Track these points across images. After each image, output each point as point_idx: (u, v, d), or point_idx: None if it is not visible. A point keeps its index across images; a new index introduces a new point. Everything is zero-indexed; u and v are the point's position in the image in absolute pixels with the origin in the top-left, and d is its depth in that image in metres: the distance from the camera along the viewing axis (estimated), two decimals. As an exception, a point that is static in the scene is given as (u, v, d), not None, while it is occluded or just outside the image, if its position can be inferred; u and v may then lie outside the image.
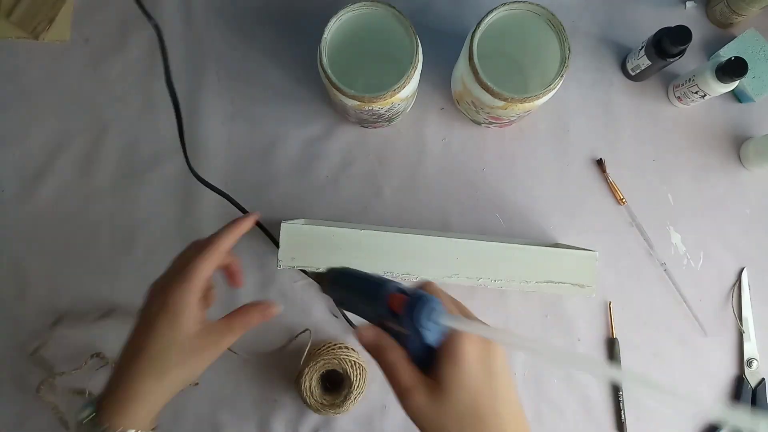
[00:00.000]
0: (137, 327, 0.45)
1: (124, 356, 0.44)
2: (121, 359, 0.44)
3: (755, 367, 0.69)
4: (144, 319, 0.45)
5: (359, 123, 0.69)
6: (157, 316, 0.44)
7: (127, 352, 0.44)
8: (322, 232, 0.59)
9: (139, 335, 0.44)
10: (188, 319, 0.44)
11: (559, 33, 0.57)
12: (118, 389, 0.43)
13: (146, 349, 0.43)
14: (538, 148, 0.71)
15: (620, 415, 0.68)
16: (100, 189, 0.69)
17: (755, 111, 0.72)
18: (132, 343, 0.44)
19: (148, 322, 0.44)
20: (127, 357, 0.44)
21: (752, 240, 0.71)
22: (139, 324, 0.45)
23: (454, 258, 0.59)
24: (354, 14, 0.57)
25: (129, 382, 0.43)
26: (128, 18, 0.71)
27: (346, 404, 0.63)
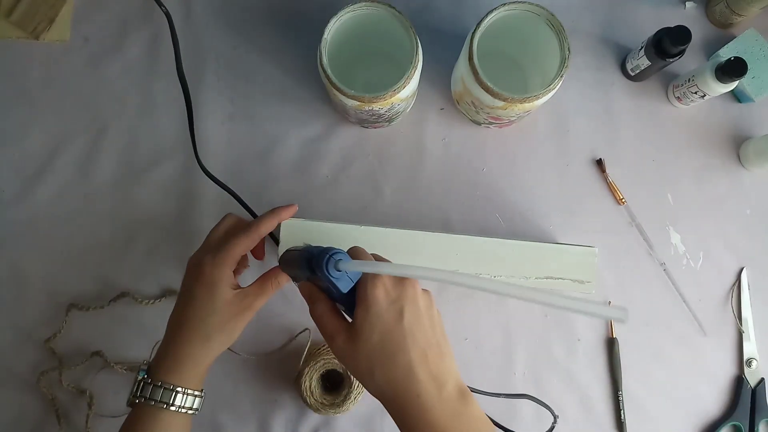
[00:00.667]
0: (180, 299, 0.51)
1: (171, 325, 0.51)
2: (169, 328, 0.51)
3: (755, 367, 0.69)
4: (185, 291, 0.51)
5: (359, 123, 0.69)
6: (197, 289, 0.50)
7: (173, 321, 0.51)
8: (322, 228, 0.59)
9: (182, 306, 0.51)
10: (224, 289, 0.50)
11: (558, 33, 0.57)
12: (167, 355, 0.50)
13: (190, 318, 0.50)
14: (538, 148, 0.71)
15: (620, 415, 0.68)
16: (100, 189, 0.69)
17: (755, 111, 0.72)
18: (177, 313, 0.51)
19: (190, 294, 0.51)
20: (173, 326, 0.51)
21: (752, 240, 0.71)
22: (181, 296, 0.52)
23: (454, 254, 0.59)
24: (354, 14, 0.57)
25: (177, 347, 0.50)
26: (128, 18, 0.71)
27: (346, 404, 0.63)
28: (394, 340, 0.41)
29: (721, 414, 0.69)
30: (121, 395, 0.67)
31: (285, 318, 0.68)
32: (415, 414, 0.41)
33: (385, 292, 0.42)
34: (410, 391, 0.41)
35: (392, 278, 0.43)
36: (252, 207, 0.66)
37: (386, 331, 0.41)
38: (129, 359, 0.67)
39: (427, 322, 0.43)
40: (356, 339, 0.42)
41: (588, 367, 0.69)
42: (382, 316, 0.41)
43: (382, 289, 0.42)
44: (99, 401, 0.66)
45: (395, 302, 0.42)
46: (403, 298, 0.42)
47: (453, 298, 0.69)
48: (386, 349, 0.41)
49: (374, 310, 0.41)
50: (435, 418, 0.41)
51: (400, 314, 0.41)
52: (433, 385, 0.41)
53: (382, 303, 0.41)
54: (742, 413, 0.68)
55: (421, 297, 0.43)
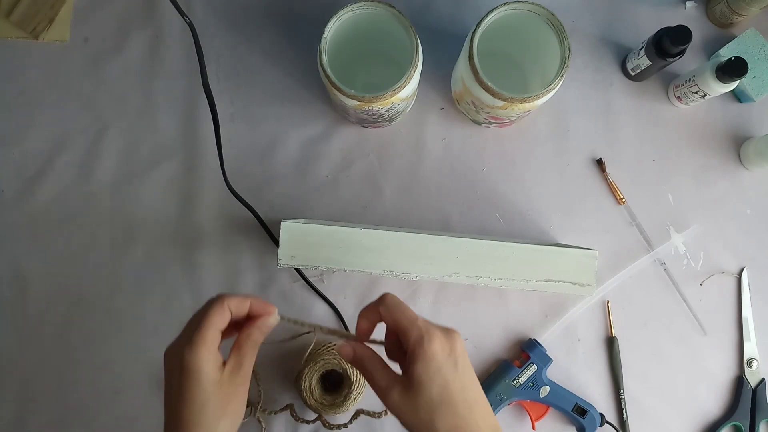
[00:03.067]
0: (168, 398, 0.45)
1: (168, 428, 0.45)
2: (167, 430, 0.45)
3: (755, 367, 0.69)
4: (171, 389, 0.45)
5: (359, 123, 0.69)
6: (182, 382, 0.44)
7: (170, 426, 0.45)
8: (322, 230, 0.59)
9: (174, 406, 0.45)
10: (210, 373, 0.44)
11: (559, 33, 0.57)
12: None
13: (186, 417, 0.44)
14: (538, 148, 0.71)
15: (622, 414, 0.68)
16: (100, 189, 0.69)
17: (755, 111, 0.72)
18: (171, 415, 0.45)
19: (176, 391, 0.44)
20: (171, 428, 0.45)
21: (752, 240, 0.71)
22: (168, 395, 0.45)
23: (455, 257, 0.59)
24: (354, 14, 0.57)
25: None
26: (128, 18, 0.71)
27: (346, 404, 0.63)
28: (453, 391, 0.43)
29: (721, 414, 0.69)
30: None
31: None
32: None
33: (441, 346, 0.43)
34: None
35: (442, 331, 0.44)
36: (252, 205, 0.66)
37: (445, 383, 0.42)
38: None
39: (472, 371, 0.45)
40: (416, 392, 0.42)
41: (588, 366, 0.69)
42: (441, 369, 0.42)
43: (438, 343, 0.43)
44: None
45: (450, 355, 0.43)
46: (456, 350, 0.44)
47: (453, 298, 0.69)
48: (446, 399, 0.42)
49: (434, 363, 0.42)
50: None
51: (455, 366, 0.43)
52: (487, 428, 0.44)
53: (439, 356, 0.43)
54: (743, 413, 0.68)
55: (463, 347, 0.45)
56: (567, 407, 0.66)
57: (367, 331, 0.47)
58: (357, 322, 0.46)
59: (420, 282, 0.68)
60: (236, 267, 0.68)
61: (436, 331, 0.43)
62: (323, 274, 0.68)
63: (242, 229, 0.69)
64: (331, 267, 0.58)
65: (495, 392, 0.66)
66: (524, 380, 0.66)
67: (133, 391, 0.67)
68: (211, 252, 0.69)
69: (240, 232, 0.69)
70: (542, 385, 0.66)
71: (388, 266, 0.60)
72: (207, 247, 0.69)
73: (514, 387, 0.66)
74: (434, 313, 0.68)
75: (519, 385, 0.66)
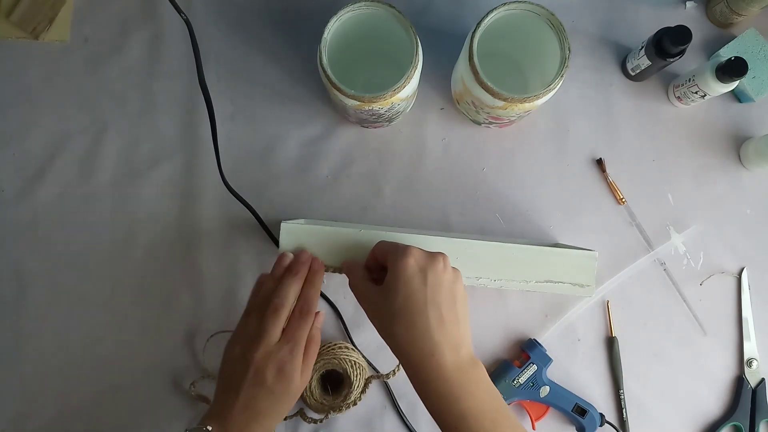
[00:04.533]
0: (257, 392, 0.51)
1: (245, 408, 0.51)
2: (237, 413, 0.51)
3: (755, 367, 0.69)
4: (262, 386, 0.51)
5: (359, 123, 0.69)
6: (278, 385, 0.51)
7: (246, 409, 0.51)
8: (322, 231, 0.59)
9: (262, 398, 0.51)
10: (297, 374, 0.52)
11: (559, 33, 0.57)
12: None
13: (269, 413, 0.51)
14: (538, 148, 0.71)
15: (622, 414, 0.68)
16: (100, 189, 0.69)
17: (755, 111, 0.72)
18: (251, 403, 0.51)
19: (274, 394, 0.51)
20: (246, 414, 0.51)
21: (752, 240, 0.71)
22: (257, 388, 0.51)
23: (454, 258, 0.59)
24: (354, 14, 0.57)
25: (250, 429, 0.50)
26: (128, 18, 0.71)
27: (346, 404, 0.63)
28: (415, 303, 0.46)
29: (721, 414, 0.69)
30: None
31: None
32: (428, 371, 0.46)
33: (415, 261, 0.47)
34: (425, 349, 0.46)
35: (423, 252, 0.48)
36: (252, 205, 0.66)
37: (410, 294, 0.46)
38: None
39: (448, 294, 0.48)
40: (384, 299, 0.48)
41: (588, 366, 0.69)
42: (408, 281, 0.47)
43: (412, 258, 0.47)
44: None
45: (422, 271, 0.47)
46: (430, 269, 0.47)
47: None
48: (408, 310, 0.46)
49: (402, 275, 0.47)
50: (446, 377, 0.46)
51: (424, 282, 0.47)
52: (447, 347, 0.46)
53: (410, 270, 0.47)
54: (743, 413, 0.68)
55: (447, 272, 0.48)
56: (567, 407, 0.66)
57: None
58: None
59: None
60: (236, 267, 0.68)
61: (414, 250, 0.48)
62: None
63: (242, 229, 0.69)
64: (330, 267, 0.58)
65: None
66: (524, 380, 0.66)
67: (133, 391, 0.67)
68: (211, 252, 0.69)
69: (240, 232, 0.69)
70: (542, 385, 0.66)
71: None
72: (207, 247, 0.69)
73: (514, 387, 0.66)
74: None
75: (519, 385, 0.66)
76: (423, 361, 0.46)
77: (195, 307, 0.68)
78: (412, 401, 0.67)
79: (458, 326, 0.48)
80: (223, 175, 0.65)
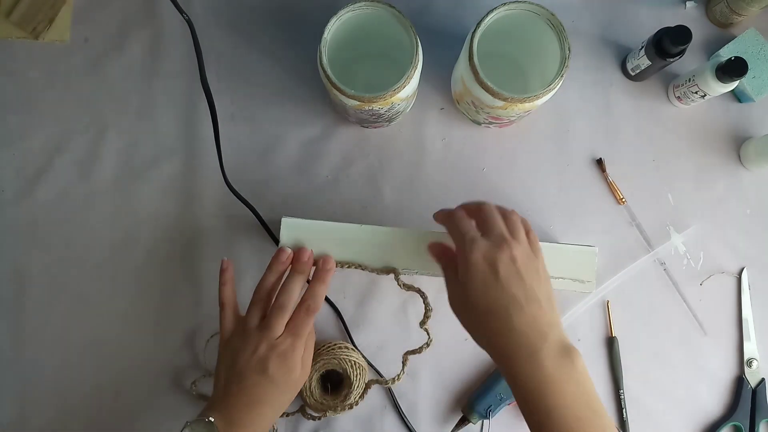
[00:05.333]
0: (259, 381, 0.53)
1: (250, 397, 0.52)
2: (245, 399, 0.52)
3: (755, 367, 0.69)
4: (264, 375, 0.53)
5: (359, 123, 0.69)
6: (278, 374, 0.53)
7: (248, 399, 0.52)
8: (322, 227, 0.59)
9: (262, 389, 0.53)
10: (298, 366, 0.54)
11: (559, 33, 0.57)
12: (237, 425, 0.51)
13: (271, 403, 0.53)
14: (538, 148, 0.71)
15: (622, 414, 0.68)
16: (100, 189, 0.69)
17: (755, 111, 0.72)
18: (254, 397, 0.53)
19: (276, 385, 0.53)
20: (249, 404, 0.52)
21: (752, 240, 0.71)
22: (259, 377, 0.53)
23: None
24: (354, 14, 0.57)
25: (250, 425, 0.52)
26: (128, 18, 0.71)
27: (345, 404, 0.63)
28: (491, 296, 0.46)
29: (721, 414, 0.69)
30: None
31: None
32: (519, 363, 0.44)
33: (482, 256, 0.47)
34: (511, 341, 0.45)
35: (489, 243, 0.48)
36: (252, 205, 0.66)
37: (485, 291, 0.46)
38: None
39: (527, 279, 0.47)
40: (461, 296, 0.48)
41: (588, 366, 0.68)
42: (480, 279, 0.46)
43: (479, 254, 0.47)
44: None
45: (492, 265, 0.46)
46: (499, 261, 0.47)
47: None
48: (486, 304, 0.46)
49: (473, 272, 0.47)
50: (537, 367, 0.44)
51: (496, 276, 0.46)
52: (533, 335, 0.45)
53: (480, 267, 0.47)
54: (743, 413, 0.68)
55: (519, 258, 0.47)
56: None
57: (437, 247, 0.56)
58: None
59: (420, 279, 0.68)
60: (236, 266, 0.68)
61: (480, 243, 0.48)
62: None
63: (242, 229, 0.69)
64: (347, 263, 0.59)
65: (495, 392, 0.66)
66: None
67: (134, 391, 0.67)
68: (211, 252, 0.69)
69: (240, 232, 0.69)
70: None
71: (388, 262, 0.60)
72: (207, 246, 0.69)
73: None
74: (435, 312, 0.68)
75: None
76: (512, 353, 0.45)
77: (195, 307, 0.68)
78: (413, 401, 0.67)
79: (542, 312, 0.46)
80: (225, 174, 0.65)
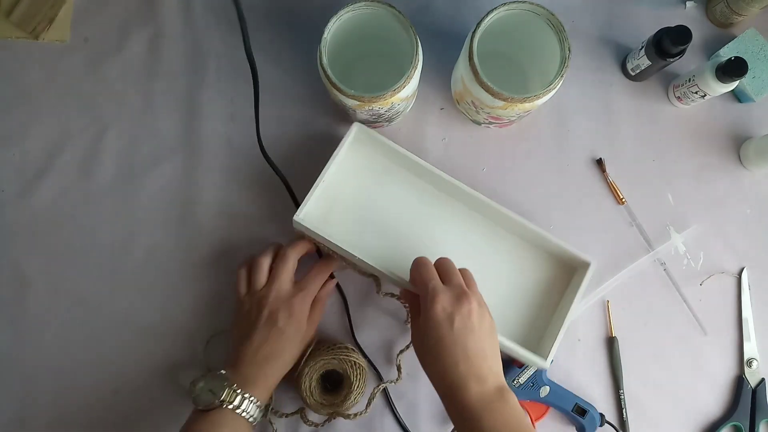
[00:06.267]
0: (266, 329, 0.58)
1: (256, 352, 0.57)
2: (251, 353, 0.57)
3: (755, 367, 0.69)
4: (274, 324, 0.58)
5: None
6: (288, 326, 0.59)
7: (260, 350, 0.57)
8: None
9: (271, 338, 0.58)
10: (306, 325, 0.60)
11: (559, 33, 0.57)
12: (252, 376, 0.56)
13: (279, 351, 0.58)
14: (538, 148, 0.71)
15: (622, 414, 0.68)
16: (100, 189, 0.69)
17: (755, 111, 0.72)
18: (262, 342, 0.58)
19: (279, 329, 0.58)
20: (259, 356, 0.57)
21: (752, 240, 0.71)
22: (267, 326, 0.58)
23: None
24: (354, 14, 0.57)
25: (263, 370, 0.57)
26: (128, 18, 0.71)
27: (345, 404, 0.63)
28: (444, 344, 0.51)
29: (721, 414, 0.69)
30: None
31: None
32: (456, 401, 0.51)
33: (443, 308, 0.52)
34: (453, 383, 0.51)
35: (451, 296, 0.53)
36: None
37: (440, 337, 0.51)
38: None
39: (477, 332, 0.52)
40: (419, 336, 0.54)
41: (588, 366, 0.69)
42: (437, 327, 0.52)
43: (440, 305, 0.52)
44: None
45: (449, 317, 0.52)
46: (457, 313, 0.52)
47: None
48: (438, 349, 0.51)
49: (432, 320, 0.52)
50: (470, 409, 0.50)
51: (451, 326, 0.51)
52: (473, 380, 0.50)
53: (439, 316, 0.52)
54: (743, 413, 0.68)
55: (475, 312, 0.53)
56: (567, 407, 0.66)
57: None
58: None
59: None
60: (236, 266, 0.68)
61: (441, 295, 0.53)
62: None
63: (242, 229, 0.69)
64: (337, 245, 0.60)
65: None
66: (524, 380, 0.66)
67: (133, 391, 0.67)
68: (211, 251, 0.68)
69: (239, 232, 0.69)
70: (542, 385, 0.66)
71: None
72: (206, 246, 0.69)
73: (514, 387, 0.66)
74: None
75: (519, 385, 0.66)
76: (452, 393, 0.51)
77: (195, 307, 0.68)
78: (412, 401, 0.67)
79: (485, 361, 0.52)
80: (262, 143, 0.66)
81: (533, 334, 0.66)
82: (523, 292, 0.67)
